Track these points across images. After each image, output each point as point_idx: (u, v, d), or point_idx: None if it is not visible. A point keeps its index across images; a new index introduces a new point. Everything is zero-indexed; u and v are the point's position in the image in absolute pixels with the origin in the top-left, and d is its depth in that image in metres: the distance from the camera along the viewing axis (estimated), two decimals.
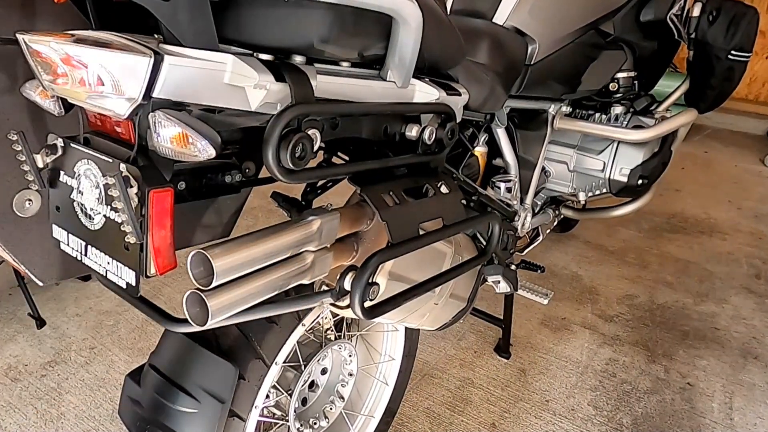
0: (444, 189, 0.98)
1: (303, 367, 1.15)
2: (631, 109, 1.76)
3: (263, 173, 0.86)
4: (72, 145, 0.73)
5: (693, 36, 1.67)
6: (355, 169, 0.86)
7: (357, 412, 1.38)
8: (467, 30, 1.26)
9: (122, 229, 0.64)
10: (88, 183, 0.70)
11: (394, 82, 0.86)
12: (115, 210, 0.66)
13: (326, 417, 1.30)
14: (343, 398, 1.33)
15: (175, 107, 0.62)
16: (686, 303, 2.32)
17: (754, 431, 1.66)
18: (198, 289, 0.70)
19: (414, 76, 0.88)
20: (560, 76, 1.48)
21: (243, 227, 2.66)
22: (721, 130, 5.13)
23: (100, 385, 1.73)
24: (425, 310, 1.10)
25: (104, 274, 0.72)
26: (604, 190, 1.81)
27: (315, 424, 1.27)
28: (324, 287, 1.03)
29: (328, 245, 0.86)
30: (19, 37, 0.65)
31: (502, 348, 1.92)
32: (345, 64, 0.82)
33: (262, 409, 1.06)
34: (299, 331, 1.05)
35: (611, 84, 1.70)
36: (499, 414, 1.67)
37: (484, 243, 1.21)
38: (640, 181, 1.73)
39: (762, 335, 2.12)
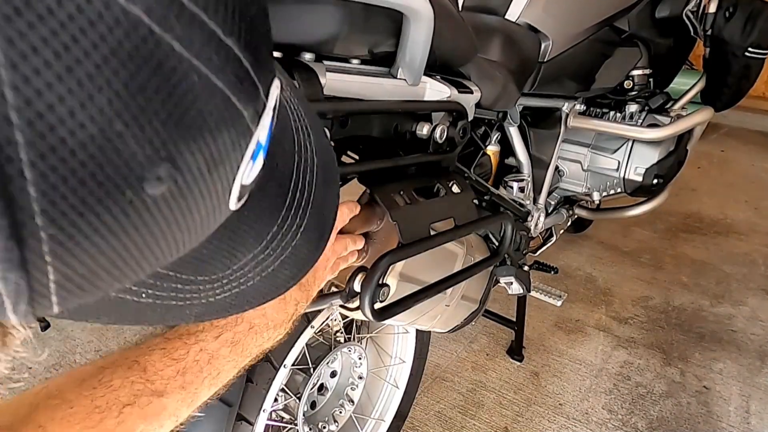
0: (455, 188, 0.96)
1: (312, 369, 1.14)
2: (646, 107, 1.73)
3: None
4: None
5: (709, 33, 1.63)
6: (365, 168, 0.85)
7: (367, 415, 1.36)
8: (479, 26, 1.24)
9: None
10: None
11: (405, 80, 0.84)
12: None
13: (336, 421, 1.29)
14: (352, 402, 1.31)
15: None
16: (702, 305, 2.28)
17: None
18: None
19: (425, 74, 0.87)
20: (574, 73, 1.46)
21: None
22: (738, 128, 5.06)
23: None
24: (436, 312, 1.08)
25: None
26: (619, 190, 1.79)
27: (324, 428, 1.26)
28: (333, 288, 1.01)
29: None
30: None
31: (515, 350, 1.90)
32: (355, 61, 0.81)
33: (270, 413, 1.04)
34: (308, 333, 1.04)
35: (626, 82, 1.67)
36: (511, 418, 1.65)
37: (497, 243, 1.19)
38: (655, 181, 1.71)
39: None
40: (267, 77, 0.24)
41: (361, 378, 1.30)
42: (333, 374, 1.28)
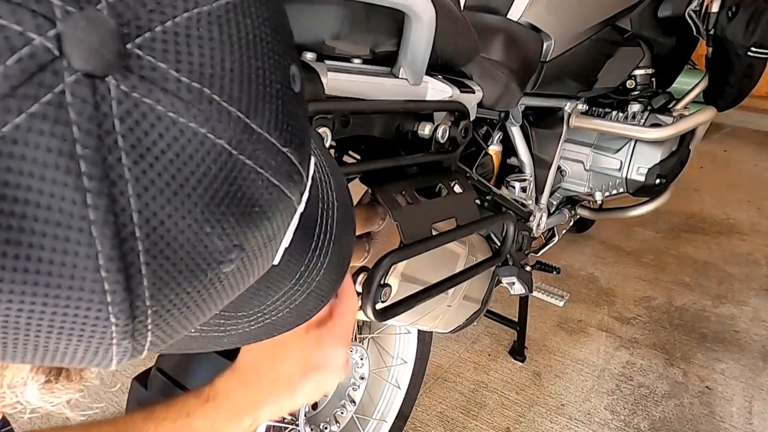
0: (457, 188, 0.96)
1: None
2: (649, 107, 1.73)
3: None
4: None
5: (712, 32, 1.63)
6: (367, 168, 0.84)
7: (369, 416, 1.36)
8: (481, 26, 1.24)
9: None
10: None
11: (407, 80, 0.84)
12: None
13: (337, 421, 1.28)
14: (354, 402, 1.31)
15: None
16: (705, 305, 2.27)
17: None
18: None
19: (427, 73, 0.86)
20: (576, 73, 1.45)
21: None
22: (740, 128, 5.06)
23: (106, 389, 1.72)
24: (438, 313, 1.08)
25: None
26: (621, 190, 1.78)
27: (326, 428, 1.26)
28: None
29: None
30: None
31: (517, 351, 1.90)
32: (356, 60, 0.80)
33: None
34: None
35: (628, 81, 1.67)
36: (513, 418, 1.64)
37: (499, 244, 1.18)
38: (657, 181, 1.70)
39: None
40: (308, 161, 0.29)
41: (362, 378, 1.30)
42: None
